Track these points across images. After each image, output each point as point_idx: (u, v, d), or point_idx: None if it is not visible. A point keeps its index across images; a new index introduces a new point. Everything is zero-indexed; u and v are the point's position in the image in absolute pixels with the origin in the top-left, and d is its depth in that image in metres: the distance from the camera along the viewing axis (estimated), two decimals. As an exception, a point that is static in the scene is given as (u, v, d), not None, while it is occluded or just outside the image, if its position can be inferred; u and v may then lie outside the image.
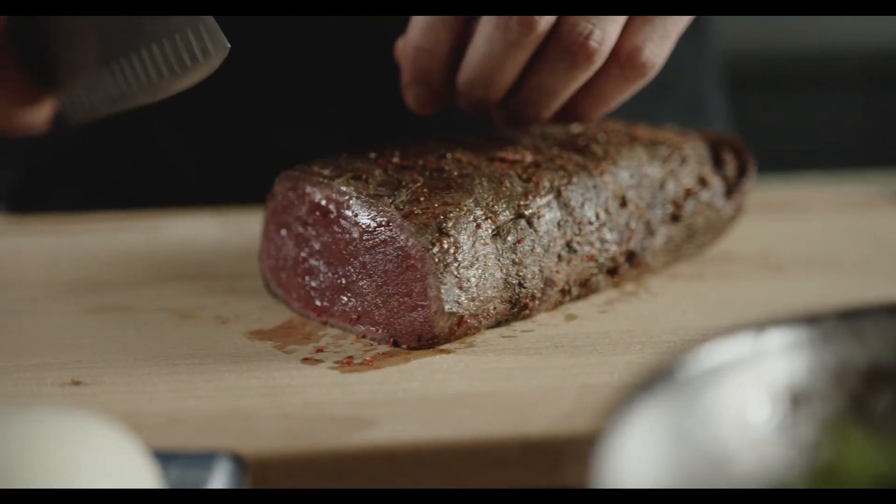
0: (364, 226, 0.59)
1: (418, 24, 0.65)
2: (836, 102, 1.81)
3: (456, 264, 0.57)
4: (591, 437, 0.45)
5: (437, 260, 0.56)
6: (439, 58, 0.65)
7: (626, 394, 0.34)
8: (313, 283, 0.62)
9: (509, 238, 0.59)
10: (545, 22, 0.62)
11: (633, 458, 0.32)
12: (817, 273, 0.69)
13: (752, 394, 0.38)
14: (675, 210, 0.67)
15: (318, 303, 0.62)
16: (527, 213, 0.60)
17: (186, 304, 0.66)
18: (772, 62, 1.71)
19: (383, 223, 0.58)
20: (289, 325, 0.62)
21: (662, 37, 0.63)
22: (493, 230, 0.59)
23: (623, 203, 0.64)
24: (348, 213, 0.60)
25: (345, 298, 0.60)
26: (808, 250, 0.73)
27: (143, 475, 0.40)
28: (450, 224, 0.57)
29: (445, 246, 0.57)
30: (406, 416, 0.51)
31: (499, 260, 0.58)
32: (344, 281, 0.60)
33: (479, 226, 0.58)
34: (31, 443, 0.38)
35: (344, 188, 0.60)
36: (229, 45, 0.59)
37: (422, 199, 0.58)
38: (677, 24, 0.64)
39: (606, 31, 0.62)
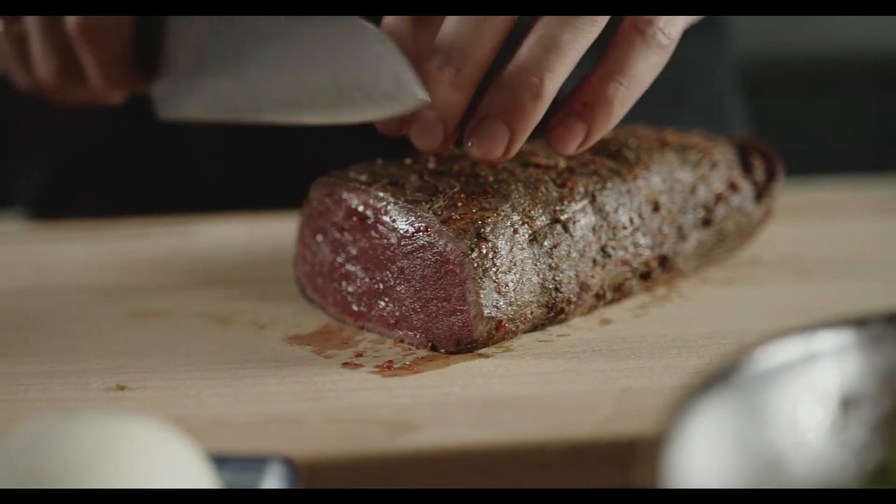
0: (402, 231, 0.59)
1: None
2: (855, 105, 1.82)
3: (494, 269, 0.58)
4: (646, 438, 0.45)
5: (475, 265, 0.57)
6: (400, 37, 0.58)
7: (687, 396, 0.35)
8: (350, 288, 0.63)
9: (546, 243, 0.60)
10: None
11: (696, 459, 0.33)
12: (847, 277, 0.70)
13: (803, 397, 0.39)
14: (706, 214, 0.67)
15: (354, 308, 0.62)
16: (562, 218, 0.61)
17: (222, 309, 0.66)
18: (789, 65, 1.72)
19: (422, 228, 0.59)
20: (326, 329, 0.63)
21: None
22: (529, 235, 0.59)
23: (656, 208, 0.65)
24: (386, 218, 0.60)
25: (382, 303, 0.61)
26: (836, 254, 0.73)
27: (203, 477, 0.40)
28: (488, 229, 0.58)
29: (484, 251, 0.57)
30: (450, 420, 0.51)
31: (535, 265, 0.59)
32: (381, 286, 0.61)
33: (516, 231, 0.59)
34: (94, 445, 0.39)
35: (381, 194, 0.60)
36: (427, 98, 0.55)
37: (459, 204, 0.59)
38: None
39: None
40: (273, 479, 0.44)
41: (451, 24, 0.57)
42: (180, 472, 0.39)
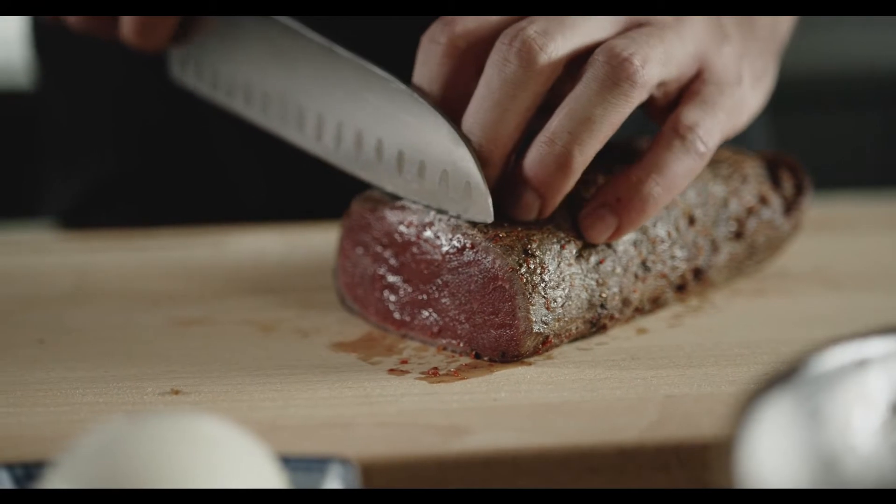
0: (447, 248, 0.61)
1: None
2: (874, 119, 1.83)
3: (543, 284, 0.59)
4: (707, 441, 0.47)
5: (524, 280, 0.59)
6: (433, 91, 0.61)
7: (752, 400, 0.36)
8: (392, 298, 0.64)
9: (592, 259, 0.61)
10: (548, 56, 0.58)
11: (763, 460, 0.35)
12: (874, 288, 0.71)
13: (856, 401, 0.41)
14: (738, 227, 0.69)
15: (396, 316, 0.64)
16: (606, 233, 0.62)
17: (264, 317, 0.68)
18: (809, 79, 1.74)
19: (468, 246, 0.60)
20: (369, 337, 0.64)
21: (712, 122, 0.62)
22: (576, 251, 0.61)
23: (691, 221, 0.66)
24: (429, 235, 0.62)
25: (425, 313, 0.62)
26: (862, 266, 0.75)
27: (276, 476, 0.42)
28: (534, 245, 0.59)
29: (532, 266, 0.59)
30: (500, 425, 0.53)
31: (584, 280, 0.61)
32: (424, 297, 0.62)
33: (563, 247, 0.60)
34: (177, 445, 0.40)
35: (426, 211, 0.62)
36: (492, 219, 0.59)
37: (505, 223, 0.60)
38: (726, 111, 0.63)
39: (648, 57, 0.59)
40: (335, 480, 0.46)
41: (479, 93, 0.59)
42: (257, 471, 0.41)
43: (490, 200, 0.59)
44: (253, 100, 0.69)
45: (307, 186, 0.91)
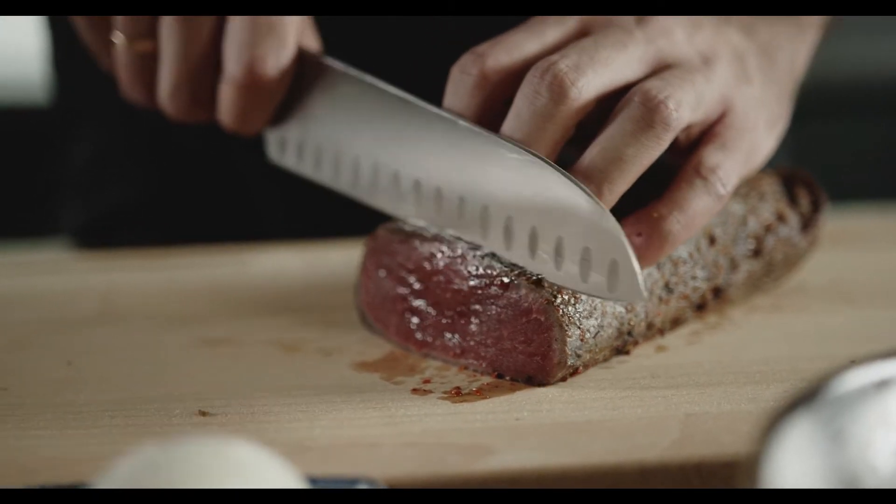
0: (475, 282, 0.61)
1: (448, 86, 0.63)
2: (886, 129, 1.84)
3: (578, 315, 0.60)
4: (725, 460, 0.48)
5: (561, 312, 0.59)
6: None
7: (775, 420, 0.37)
8: (414, 320, 0.65)
9: None
10: (579, 91, 0.59)
11: (787, 480, 0.35)
12: (891, 303, 0.72)
13: (876, 422, 0.41)
14: (756, 245, 0.70)
15: (418, 337, 0.65)
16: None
17: (287, 336, 0.69)
18: (822, 90, 1.74)
19: (498, 284, 0.61)
20: (391, 357, 0.65)
21: (732, 164, 0.62)
22: None
23: (712, 241, 0.67)
24: (458, 268, 0.62)
25: (448, 335, 0.63)
26: (878, 281, 0.76)
27: (307, 500, 0.43)
28: None
29: (566, 297, 0.59)
30: (524, 444, 0.54)
31: (613, 308, 0.61)
32: (448, 322, 0.63)
33: None
34: (207, 471, 0.41)
35: (454, 244, 0.62)
36: (645, 296, 0.57)
37: None
38: (744, 154, 0.64)
39: (681, 101, 0.60)
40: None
41: (508, 125, 0.60)
42: (289, 495, 0.42)
43: (641, 279, 0.57)
44: (361, 177, 0.67)
45: (325, 205, 0.91)
